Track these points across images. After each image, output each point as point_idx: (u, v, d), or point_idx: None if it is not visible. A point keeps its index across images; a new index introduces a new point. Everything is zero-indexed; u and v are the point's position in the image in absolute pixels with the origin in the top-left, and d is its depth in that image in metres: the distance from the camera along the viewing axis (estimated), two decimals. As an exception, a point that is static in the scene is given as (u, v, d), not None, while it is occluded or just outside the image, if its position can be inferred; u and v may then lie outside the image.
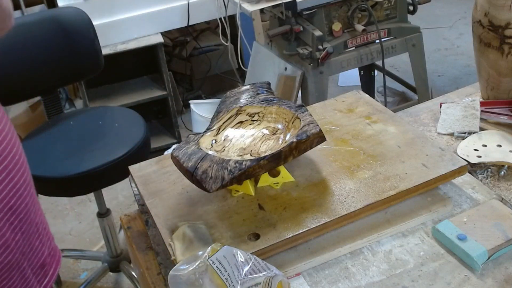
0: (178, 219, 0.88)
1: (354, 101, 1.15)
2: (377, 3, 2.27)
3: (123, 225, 1.03)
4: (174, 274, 0.75)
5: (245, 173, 0.84)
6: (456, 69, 3.41)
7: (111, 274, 2.19)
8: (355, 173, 0.93)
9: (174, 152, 0.90)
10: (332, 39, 2.24)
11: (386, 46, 2.30)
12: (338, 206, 0.86)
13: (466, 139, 1.09)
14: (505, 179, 1.00)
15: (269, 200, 0.90)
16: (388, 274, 0.82)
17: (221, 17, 2.76)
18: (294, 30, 2.20)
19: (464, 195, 0.94)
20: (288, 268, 0.83)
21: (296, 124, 0.93)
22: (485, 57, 1.16)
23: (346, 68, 2.32)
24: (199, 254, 0.77)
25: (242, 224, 0.85)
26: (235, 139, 0.96)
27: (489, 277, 0.79)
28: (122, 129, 1.87)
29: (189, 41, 3.22)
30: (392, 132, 1.03)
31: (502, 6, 1.07)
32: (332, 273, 0.83)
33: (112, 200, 2.56)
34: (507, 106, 1.17)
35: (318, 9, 2.18)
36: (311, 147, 0.89)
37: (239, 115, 1.00)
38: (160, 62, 2.74)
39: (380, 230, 0.88)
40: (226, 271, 0.74)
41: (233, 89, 1.06)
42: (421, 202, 0.92)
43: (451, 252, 0.84)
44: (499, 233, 0.83)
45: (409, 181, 0.90)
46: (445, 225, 0.86)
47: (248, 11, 2.26)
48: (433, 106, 1.25)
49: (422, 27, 2.44)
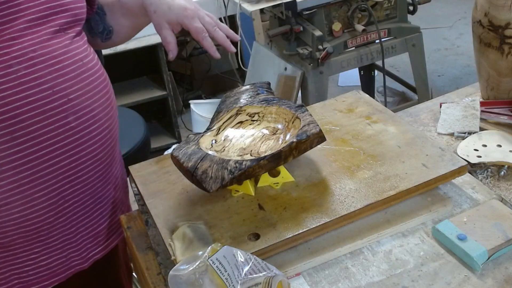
0: (178, 219, 0.88)
1: (354, 101, 1.15)
2: (377, 3, 2.27)
3: (123, 225, 1.03)
4: (174, 274, 0.75)
5: (245, 173, 0.84)
6: (456, 69, 3.42)
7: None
8: (355, 173, 0.93)
9: (174, 152, 0.90)
10: (332, 39, 2.24)
11: (386, 46, 2.30)
12: (338, 206, 0.86)
13: (466, 139, 1.09)
14: (505, 179, 1.00)
15: (269, 200, 0.90)
16: (388, 274, 0.82)
17: (221, 17, 2.76)
18: (294, 30, 2.20)
19: (464, 195, 0.94)
20: (288, 268, 0.83)
21: (296, 124, 0.93)
22: (485, 57, 1.16)
23: (346, 68, 2.33)
24: (199, 254, 0.77)
25: (242, 224, 0.85)
26: (235, 139, 0.96)
27: (489, 277, 0.79)
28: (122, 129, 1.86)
29: (189, 41, 3.23)
30: (392, 132, 1.03)
31: (502, 6, 1.07)
32: (332, 273, 0.83)
33: (112, 200, 2.55)
34: (507, 106, 1.17)
35: (318, 9, 2.18)
36: (311, 147, 0.89)
37: (239, 115, 1.00)
38: (160, 62, 2.74)
39: (380, 230, 0.88)
40: (226, 271, 0.74)
41: (233, 89, 1.07)
42: (421, 202, 0.92)
43: (451, 252, 0.84)
44: (499, 233, 0.83)
45: (409, 181, 0.90)
46: (445, 225, 0.86)
47: (248, 11, 2.26)
48: (433, 106, 1.25)
49: (422, 27, 2.44)
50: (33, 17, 0.91)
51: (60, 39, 0.96)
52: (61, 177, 0.96)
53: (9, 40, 0.88)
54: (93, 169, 1.01)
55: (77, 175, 0.99)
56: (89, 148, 0.99)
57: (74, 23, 0.99)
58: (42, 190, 0.95)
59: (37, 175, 0.94)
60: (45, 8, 0.93)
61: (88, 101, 0.98)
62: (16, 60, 0.89)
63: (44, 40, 0.93)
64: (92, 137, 0.99)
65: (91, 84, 1.00)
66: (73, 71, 0.96)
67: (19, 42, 0.89)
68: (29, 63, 0.90)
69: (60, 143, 0.95)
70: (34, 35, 0.92)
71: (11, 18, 0.89)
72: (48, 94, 0.92)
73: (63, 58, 0.95)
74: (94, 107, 0.99)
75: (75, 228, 1.03)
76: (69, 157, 0.96)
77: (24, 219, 0.95)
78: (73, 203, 1.00)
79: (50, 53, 0.93)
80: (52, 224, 0.99)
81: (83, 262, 1.06)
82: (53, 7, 0.95)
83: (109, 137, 1.04)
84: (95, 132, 1.00)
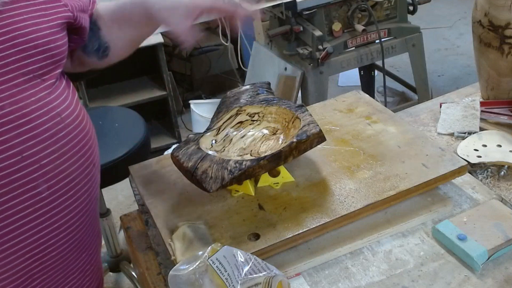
0: (178, 219, 0.88)
1: (354, 101, 1.15)
2: (377, 3, 2.27)
3: (123, 225, 1.03)
4: (174, 274, 0.75)
5: (245, 173, 0.84)
6: (456, 69, 3.42)
7: (111, 274, 2.19)
8: (355, 173, 0.93)
9: (174, 152, 0.90)
10: (332, 39, 2.24)
11: (386, 46, 2.30)
12: (338, 206, 0.86)
13: (466, 139, 1.09)
14: (505, 179, 1.00)
15: (269, 200, 0.90)
16: (388, 274, 0.82)
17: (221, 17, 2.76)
18: (294, 30, 2.20)
19: (464, 195, 0.94)
20: (288, 268, 0.83)
21: (296, 124, 0.93)
22: (485, 57, 1.16)
23: (346, 68, 2.32)
24: (199, 254, 0.77)
25: (242, 224, 0.85)
26: (235, 139, 0.96)
27: (489, 277, 0.79)
28: (122, 129, 1.87)
29: (189, 41, 3.22)
30: (392, 132, 1.03)
31: (502, 6, 1.07)
32: (332, 273, 0.83)
33: (112, 200, 2.56)
34: (507, 106, 1.17)
35: (318, 9, 2.18)
36: (311, 147, 0.89)
37: (239, 115, 1.00)
38: (160, 62, 2.74)
39: (380, 230, 0.88)
40: (226, 271, 0.74)
41: (233, 89, 1.06)
42: (421, 202, 0.92)
43: (451, 252, 0.84)
44: (499, 233, 0.83)
45: (409, 181, 0.90)
46: (445, 225, 0.86)
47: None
48: (433, 106, 1.25)
49: (422, 27, 2.44)
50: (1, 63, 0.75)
51: (34, 89, 0.79)
52: (29, 255, 0.82)
53: None
54: (66, 241, 0.87)
55: (47, 250, 0.85)
56: (63, 219, 0.85)
57: (52, 66, 0.82)
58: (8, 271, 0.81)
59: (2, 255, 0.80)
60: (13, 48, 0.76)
61: (63, 165, 0.83)
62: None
63: (13, 94, 0.77)
64: (67, 206, 0.85)
65: (69, 144, 0.85)
66: (47, 130, 0.81)
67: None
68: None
69: (29, 216, 0.81)
70: (2, 86, 0.75)
71: None
72: (16, 161, 0.78)
73: (35, 116, 0.79)
74: (70, 171, 0.85)
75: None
76: (39, 231, 0.82)
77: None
78: (41, 281, 0.86)
79: (19, 110, 0.77)
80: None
81: None
82: (25, 47, 0.77)
83: (89, 201, 0.91)
84: (71, 200, 0.86)
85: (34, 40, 0.79)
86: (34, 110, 0.79)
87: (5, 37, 0.75)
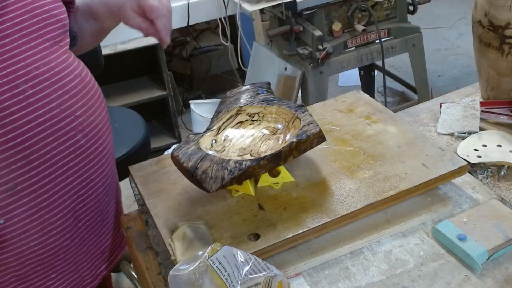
0: (178, 219, 0.88)
1: (354, 101, 1.15)
2: (377, 3, 2.27)
3: (123, 225, 1.03)
4: (174, 274, 0.75)
5: (245, 173, 0.84)
6: (456, 69, 3.42)
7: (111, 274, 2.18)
8: (355, 173, 0.93)
9: (174, 152, 0.90)
10: (332, 39, 2.24)
11: (386, 46, 2.30)
12: (338, 206, 0.86)
13: (466, 139, 1.09)
14: (505, 179, 1.00)
15: (269, 200, 0.90)
16: (388, 274, 0.82)
17: (221, 17, 2.76)
18: (294, 30, 2.20)
19: (464, 195, 0.94)
20: (288, 268, 0.83)
21: (296, 124, 0.93)
22: (485, 57, 1.16)
23: (346, 68, 2.32)
24: (199, 254, 0.77)
25: (242, 224, 0.85)
26: (235, 139, 0.96)
27: (489, 277, 0.79)
28: (122, 129, 1.87)
29: (189, 41, 3.23)
30: (392, 132, 1.03)
31: (502, 6, 1.07)
32: (332, 273, 0.83)
33: (112, 200, 2.55)
34: (507, 106, 1.17)
35: (318, 9, 2.18)
36: (311, 147, 0.89)
37: (239, 115, 1.00)
38: (160, 62, 2.74)
39: (380, 230, 0.88)
40: (226, 271, 0.74)
41: (233, 89, 1.06)
42: (421, 202, 0.92)
43: (451, 252, 0.84)
44: (499, 233, 0.83)
45: (409, 181, 0.90)
46: (445, 225, 0.86)
47: (248, 11, 2.26)
48: (433, 106, 1.25)
49: (422, 27, 2.44)
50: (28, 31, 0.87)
51: (57, 53, 0.92)
52: (75, 197, 0.95)
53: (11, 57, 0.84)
54: (101, 185, 1.01)
55: (88, 193, 0.98)
56: (97, 165, 0.98)
57: (64, 34, 0.95)
58: (59, 213, 0.93)
59: (54, 197, 0.92)
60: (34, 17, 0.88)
61: (91, 117, 0.96)
62: (22, 79, 0.85)
63: (44, 56, 0.89)
64: (98, 153, 0.98)
65: (92, 99, 0.97)
66: (75, 86, 0.93)
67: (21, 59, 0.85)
68: (35, 81, 0.86)
69: (72, 162, 0.93)
70: (33, 50, 0.87)
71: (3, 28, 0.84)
72: (56, 113, 0.89)
73: (64, 74, 0.91)
74: (97, 122, 0.98)
75: (86, 247, 1.02)
76: (81, 175, 0.95)
77: (42, 246, 0.93)
78: (85, 222, 0.99)
79: (52, 69, 0.89)
80: (68, 247, 0.97)
81: (94, 279, 1.05)
82: (44, 17, 0.90)
83: (110, 148, 1.04)
84: (101, 148, 0.99)
85: (49, 11, 0.91)
86: (62, 69, 0.91)
87: (26, 9, 0.88)
